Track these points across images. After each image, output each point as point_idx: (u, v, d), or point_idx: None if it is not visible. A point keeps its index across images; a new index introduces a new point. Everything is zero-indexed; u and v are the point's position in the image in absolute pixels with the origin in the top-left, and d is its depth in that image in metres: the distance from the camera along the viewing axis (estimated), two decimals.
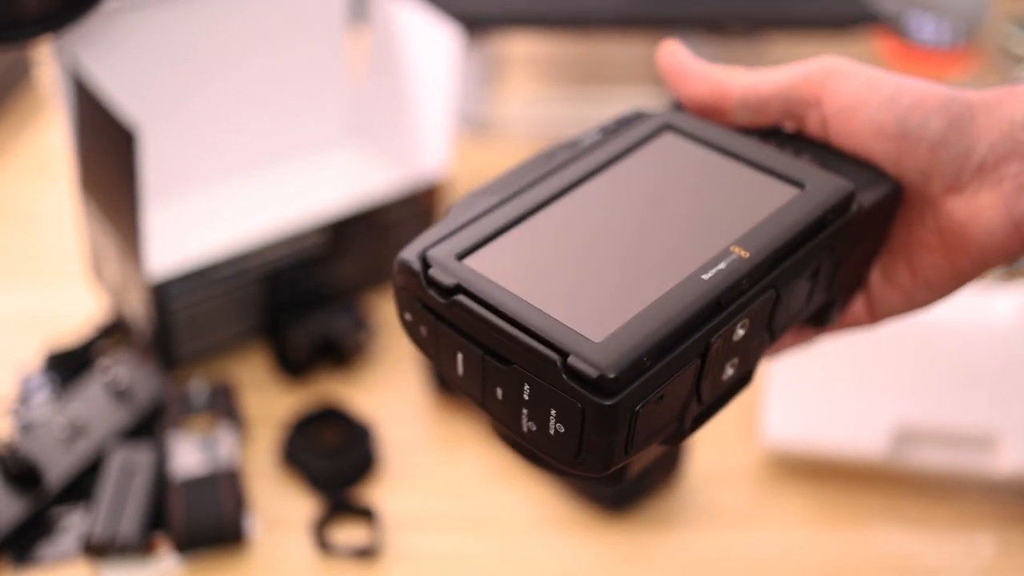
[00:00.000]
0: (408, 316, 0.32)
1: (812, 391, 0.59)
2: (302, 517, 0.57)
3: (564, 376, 0.26)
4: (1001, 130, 0.33)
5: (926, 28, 1.07)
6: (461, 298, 0.29)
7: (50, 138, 0.90)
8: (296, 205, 0.73)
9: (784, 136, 0.36)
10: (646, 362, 0.27)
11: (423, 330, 0.31)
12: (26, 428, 0.60)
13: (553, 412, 0.27)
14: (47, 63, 0.93)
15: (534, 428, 0.28)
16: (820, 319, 0.37)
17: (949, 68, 1.07)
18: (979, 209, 0.33)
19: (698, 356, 0.28)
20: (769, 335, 0.32)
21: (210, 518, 0.54)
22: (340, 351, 0.66)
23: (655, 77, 1.05)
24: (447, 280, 0.29)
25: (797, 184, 0.32)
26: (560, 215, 0.32)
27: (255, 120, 0.76)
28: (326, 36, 0.77)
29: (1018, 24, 0.96)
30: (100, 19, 0.63)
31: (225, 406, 0.61)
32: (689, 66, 0.39)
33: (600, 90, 1.02)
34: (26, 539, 0.55)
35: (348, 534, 0.57)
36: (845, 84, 0.35)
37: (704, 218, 0.32)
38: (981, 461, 0.58)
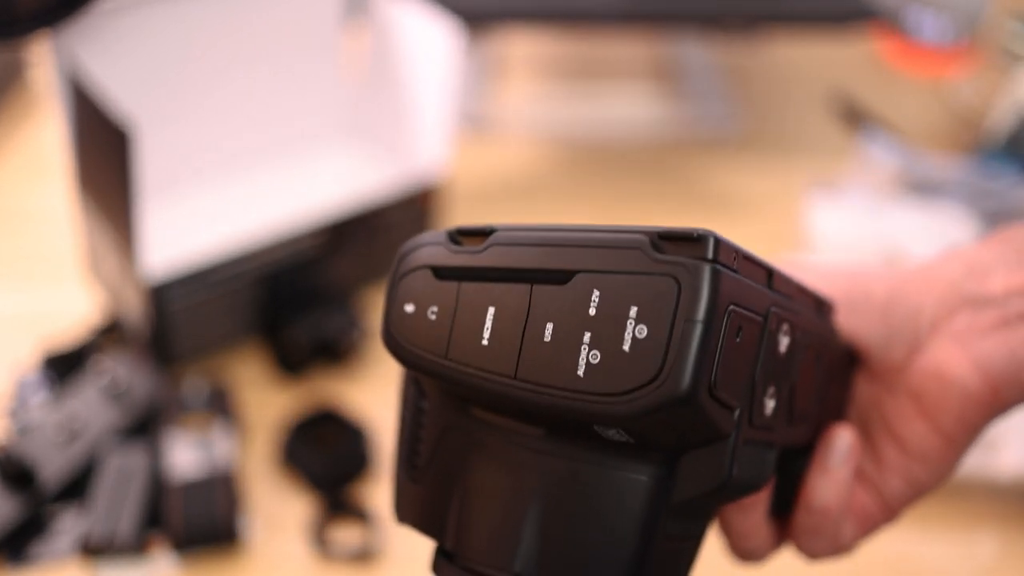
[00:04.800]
0: (410, 306, 0.29)
1: None
2: (299, 518, 0.57)
3: (654, 250, 0.24)
4: (944, 286, 0.34)
5: (926, 25, 1.07)
6: (503, 233, 0.27)
7: (45, 137, 0.90)
8: (294, 204, 0.73)
9: None
10: (736, 257, 0.25)
11: (432, 312, 0.28)
12: (22, 428, 0.59)
13: (633, 311, 0.24)
14: (42, 62, 0.93)
15: (597, 358, 0.24)
16: (782, 501, 0.35)
17: (949, 66, 1.07)
18: (943, 362, 0.33)
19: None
20: (788, 412, 0.30)
21: (205, 518, 0.54)
22: (336, 350, 0.65)
23: (654, 74, 1.05)
24: (481, 225, 0.27)
25: None
26: None
27: (253, 118, 0.76)
28: (323, 34, 0.76)
29: (1019, 20, 0.95)
30: (96, 17, 0.62)
31: (221, 405, 0.60)
32: None
33: (600, 87, 1.02)
34: (22, 539, 0.54)
35: (346, 535, 0.57)
36: None
37: None
38: (982, 462, 0.58)
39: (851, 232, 0.78)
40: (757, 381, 0.27)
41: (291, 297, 0.67)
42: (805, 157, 0.92)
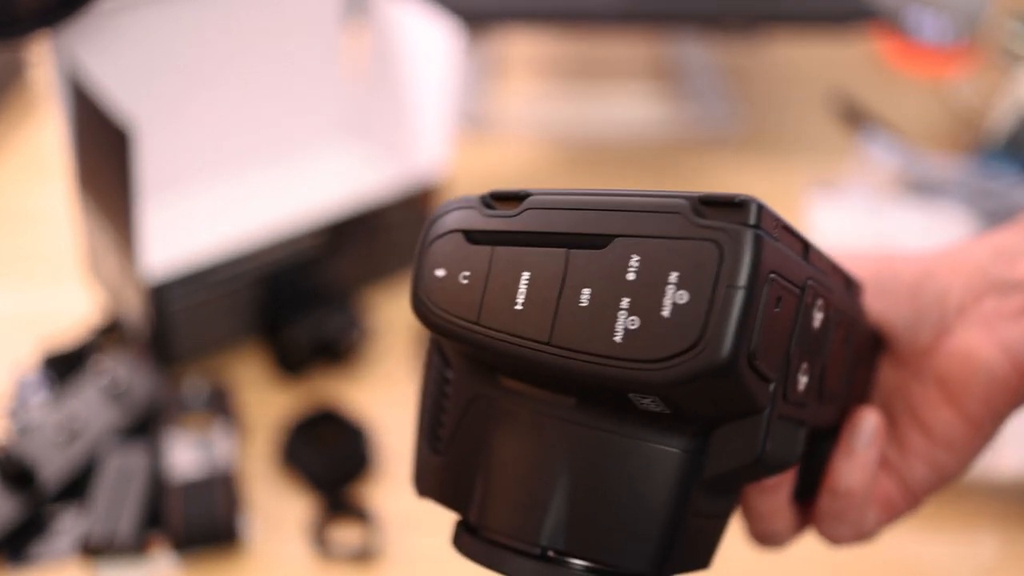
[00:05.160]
0: (441, 271, 0.28)
1: None
2: (299, 518, 0.57)
3: (695, 215, 0.24)
4: (972, 269, 0.34)
5: (926, 25, 1.07)
6: (538, 197, 0.26)
7: (45, 137, 0.90)
8: (294, 204, 0.73)
9: None
10: (786, 228, 0.25)
11: (464, 277, 0.27)
12: (22, 428, 0.59)
13: (674, 277, 0.23)
14: (42, 62, 0.93)
15: (635, 324, 0.24)
16: (805, 485, 0.35)
17: (949, 66, 1.07)
18: (971, 348, 0.33)
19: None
20: (819, 390, 0.29)
21: (205, 518, 0.54)
22: (336, 350, 0.65)
23: (654, 74, 1.05)
24: (515, 190, 0.27)
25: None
26: None
27: (253, 118, 0.76)
28: (323, 34, 0.76)
29: (1019, 20, 0.95)
30: (96, 17, 0.62)
31: (221, 405, 0.60)
32: None
33: (600, 87, 1.02)
34: (22, 539, 0.54)
35: (346, 535, 0.57)
36: None
37: None
38: (983, 461, 0.58)
39: (851, 232, 0.78)
40: (792, 355, 0.26)
41: (291, 297, 0.67)
42: (805, 157, 0.92)
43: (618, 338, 0.24)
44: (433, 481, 0.31)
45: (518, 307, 0.26)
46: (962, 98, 0.99)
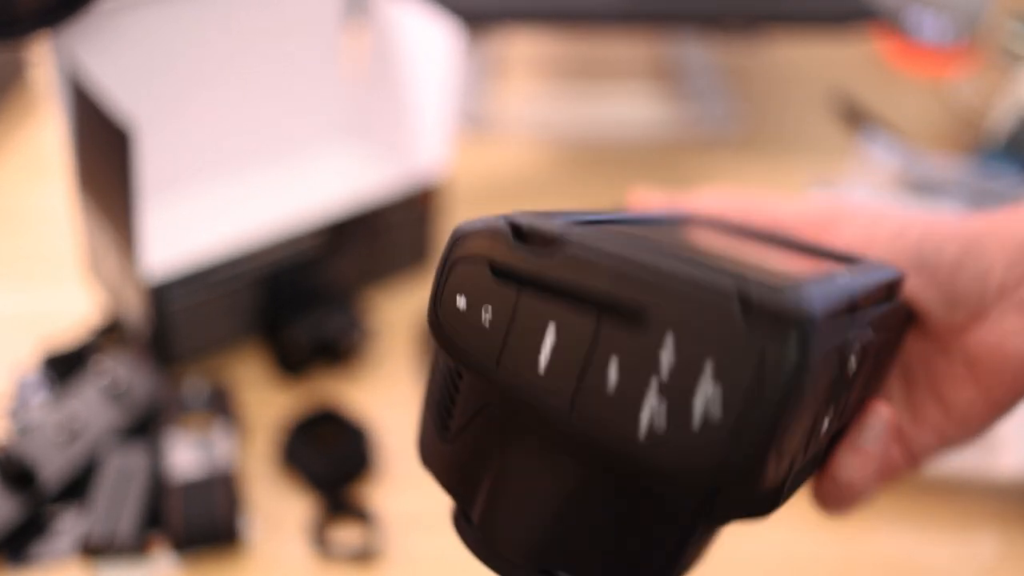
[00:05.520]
0: (462, 300, 0.26)
1: None
2: (299, 518, 0.57)
3: (742, 309, 0.21)
4: (1015, 248, 0.33)
5: (926, 25, 1.07)
6: (573, 241, 0.24)
7: (45, 137, 0.90)
8: (294, 204, 0.73)
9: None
10: (840, 310, 0.23)
11: (486, 313, 0.26)
12: (22, 428, 0.59)
13: (708, 378, 0.22)
14: (42, 62, 0.93)
15: (661, 426, 0.22)
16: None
17: (949, 66, 1.07)
18: (1007, 333, 0.32)
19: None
20: (840, 416, 0.28)
21: (205, 518, 0.54)
22: (336, 350, 0.65)
23: (654, 74, 1.05)
24: (550, 226, 0.24)
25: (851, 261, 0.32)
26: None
27: (253, 118, 0.76)
28: (323, 34, 0.76)
29: (1019, 20, 0.95)
30: (96, 17, 0.62)
31: (221, 405, 0.60)
32: (694, 198, 0.38)
33: (600, 87, 1.02)
34: (22, 539, 0.54)
35: (346, 535, 0.57)
36: (849, 226, 0.35)
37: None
38: (983, 461, 0.58)
39: None
40: (820, 413, 0.25)
41: (291, 297, 0.67)
42: (805, 157, 0.93)
43: (641, 436, 0.23)
44: (438, 463, 0.31)
45: (540, 371, 0.25)
46: (962, 98, 0.99)
